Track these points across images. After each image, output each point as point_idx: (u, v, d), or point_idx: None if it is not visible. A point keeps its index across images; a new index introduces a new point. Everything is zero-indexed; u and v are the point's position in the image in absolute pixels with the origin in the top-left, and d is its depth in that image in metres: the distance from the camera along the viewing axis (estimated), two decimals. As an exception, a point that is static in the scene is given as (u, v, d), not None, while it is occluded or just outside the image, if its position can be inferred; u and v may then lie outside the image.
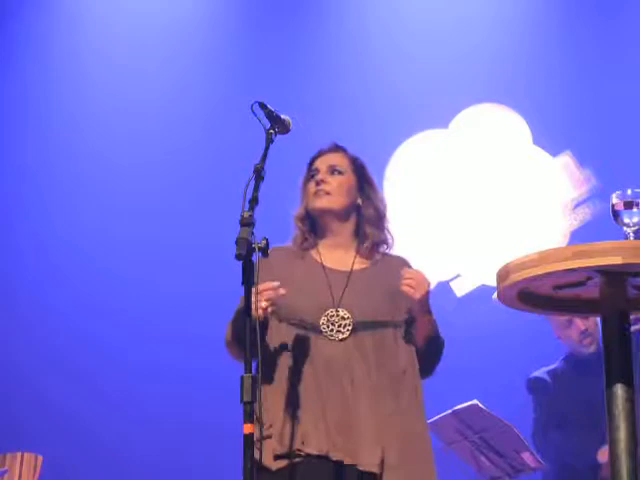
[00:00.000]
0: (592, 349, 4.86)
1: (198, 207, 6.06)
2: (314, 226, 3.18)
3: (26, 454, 4.80)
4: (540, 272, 2.07)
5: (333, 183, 3.14)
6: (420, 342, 3.10)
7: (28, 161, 6.40)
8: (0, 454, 4.87)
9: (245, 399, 2.53)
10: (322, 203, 3.12)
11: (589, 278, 2.12)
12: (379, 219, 3.19)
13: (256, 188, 2.75)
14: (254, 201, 2.71)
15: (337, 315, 2.99)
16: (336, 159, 3.21)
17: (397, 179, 6.19)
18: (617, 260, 2.02)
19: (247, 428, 2.49)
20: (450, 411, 4.72)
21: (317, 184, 3.14)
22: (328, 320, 2.97)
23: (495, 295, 2.26)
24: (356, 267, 3.11)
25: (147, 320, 5.98)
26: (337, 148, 3.26)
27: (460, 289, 6.03)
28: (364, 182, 3.23)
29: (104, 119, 6.37)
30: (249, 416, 2.51)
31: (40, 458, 4.82)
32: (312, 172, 3.20)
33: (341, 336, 2.97)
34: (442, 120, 6.25)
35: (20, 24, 6.56)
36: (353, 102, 6.09)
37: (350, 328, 2.97)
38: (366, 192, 3.21)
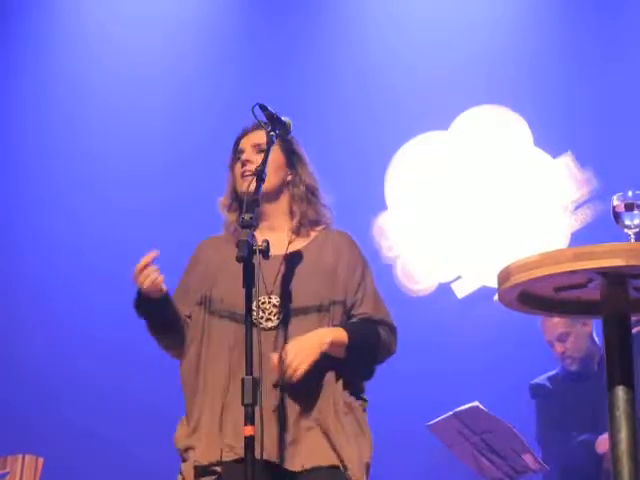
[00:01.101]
0: (574, 368, 4.89)
1: (198, 208, 6.04)
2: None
3: (27, 456, 4.79)
4: (541, 274, 2.07)
5: (259, 162, 2.92)
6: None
7: (28, 162, 6.41)
8: (1, 456, 4.86)
9: (246, 401, 2.53)
10: (249, 184, 2.91)
11: (590, 280, 2.12)
12: (310, 194, 3.03)
13: (256, 190, 2.74)
14: (254, 203, 2.70)
15: (269, 302, 2.86)
16: (258, 137, 3.02)
17: (398, 181, 6.19)
18: (618, 262, 2.02)
19: (247, 430, 2.49)
20: (451, 413, 4.72)
21: (243, 165, 2.99)
22: (259, 308, 2.81)
23: (496, 297, 2.26)
24: (291, 249, 2.96)
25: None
26: (258, 126, 3.03)
27: (461, 290, 6.03)
28: (293, 157, 3.05)
29: (104, 121, 6.38)
30: (250, 418, 2.51)
31: (41, 460, 4.80)
32: (237, 153, 3.05)
33: (270, 324, 2.85)
34: (442, 122, 6.25)
35: (19, 27, 6.56)
36: (353, 104, 6.09)
37: (280, 316, 2.85)
38: (295, 167, 3.04)
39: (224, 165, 5.99)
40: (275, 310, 2.86)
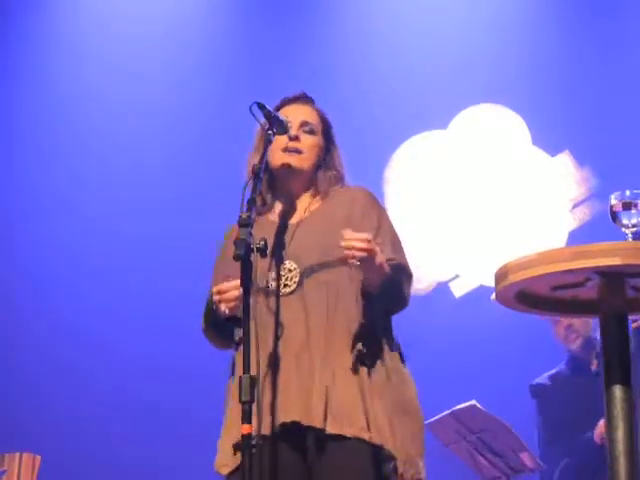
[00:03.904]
0: (577, 344, 4.89)
1: (197, 206, 6.06)
2: (272, 183, 2.99)
3: (25, 454, 4.79)
4: (538, 273, 2.06)
5: (306, 142, 2.93)
6: (373, 289, 2.80)
7: (27, 159, 6.41)
8: (-1, 454, 4.86)
9: (243, 399, 2.52)
10: (294, 161, 2.90)
11: (588, 279, 2.12)
12: (338, 180, 3.00)
13: (254, 189, 2.73)
14: (252, 202, 2.69)
15: (284, 269, 2.80)
16: (307, 114, 3.00)
17: (397, 180, 6.19)
18: (616, 261, 2.01)
19: (245, 429, 2.49)
20: (448, 412, 4.72)
21: (290, 139, 2.90)
22: (276, 276, 2.80)
23: (493, 296, 2.25)
24: (307, 214, 2.92)
25: (146, 319, 5.98)
26: (306, 99, 3.06)
27: (459, 289, 6.03)
28: (330, 144, 3.03)
29: (102, 117, 6.38)
30: (247, 416, 2.51)
31: (38, 458, 4.81)
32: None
33: (288, 290, 2.78)
34: (441, 121, 6.25)
35: (17, 23, 6.56)
36: (352, 103, 6.08)
37: (297, 280, 2.79)
38: (331, 153, 3.02)
39: (222, 164, 6.03)
40: (291, 275, 2.80)
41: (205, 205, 5.90)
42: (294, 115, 2.96)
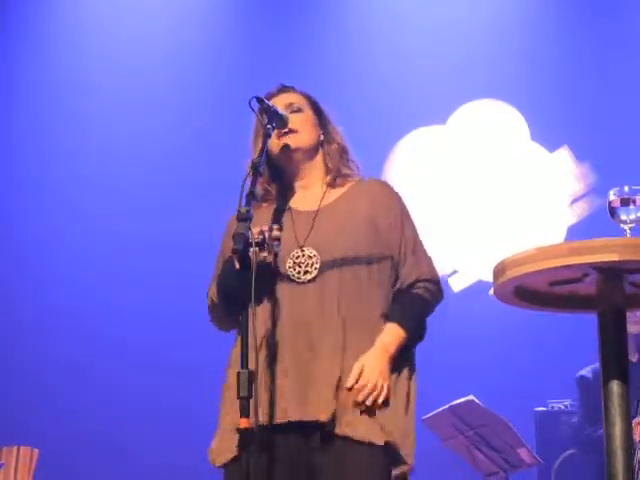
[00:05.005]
0: (635, 329, 4.83)
1: (197, 204, 6.06)
2: (276, 173, 2.99)
3: (22, 448, 4.80)
4: (536, 268, 2.06)
5: (296, 121, 2.94)
6: None
7: (29, 159, 6.41)
8: (-3, 447, 4.87)
9: (241, 394, 2.52)
10: (291, 140, 2.91)
11: (586, 275, 2.12)
12: (343, 152, 3.03)
13: (253, 183, 2.73)
14: (251, 196, 2.69)
15: (303, 255, 2.79)
16: (291, 98, 3.03)
17: (395, 175, 6.19)
18: (613, 257, 2.01)
19: (243, 422, 2.49)
20: (446, 406, 4.72)
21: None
22: (294, 262, 2.78)
23: (492, 291, 2.25)
24: (324, 203, 2.93)
25: (146, 316, 5.99)
26: (286, 88, 3.09)
27: (458, 284, 6.03)
28: (323, 118, 3.05)
29: (104, 116, 6.38)
30: (245, 411, 2.51)
31: (36, 451, 4.82)
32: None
33: (309, 276, 2.77)
34: (440, 116, 6.25)
35: (17, 18, 6.56)
36: (351, 99, 6.08)
37: (318, 267, 2.78)
38: (326, 127, 3.04)
39: (222, 158, 6.02)
40: (311, 262, 2.79)
41: (206, 203, 5.90)
42: (278, 103, 2.96)
